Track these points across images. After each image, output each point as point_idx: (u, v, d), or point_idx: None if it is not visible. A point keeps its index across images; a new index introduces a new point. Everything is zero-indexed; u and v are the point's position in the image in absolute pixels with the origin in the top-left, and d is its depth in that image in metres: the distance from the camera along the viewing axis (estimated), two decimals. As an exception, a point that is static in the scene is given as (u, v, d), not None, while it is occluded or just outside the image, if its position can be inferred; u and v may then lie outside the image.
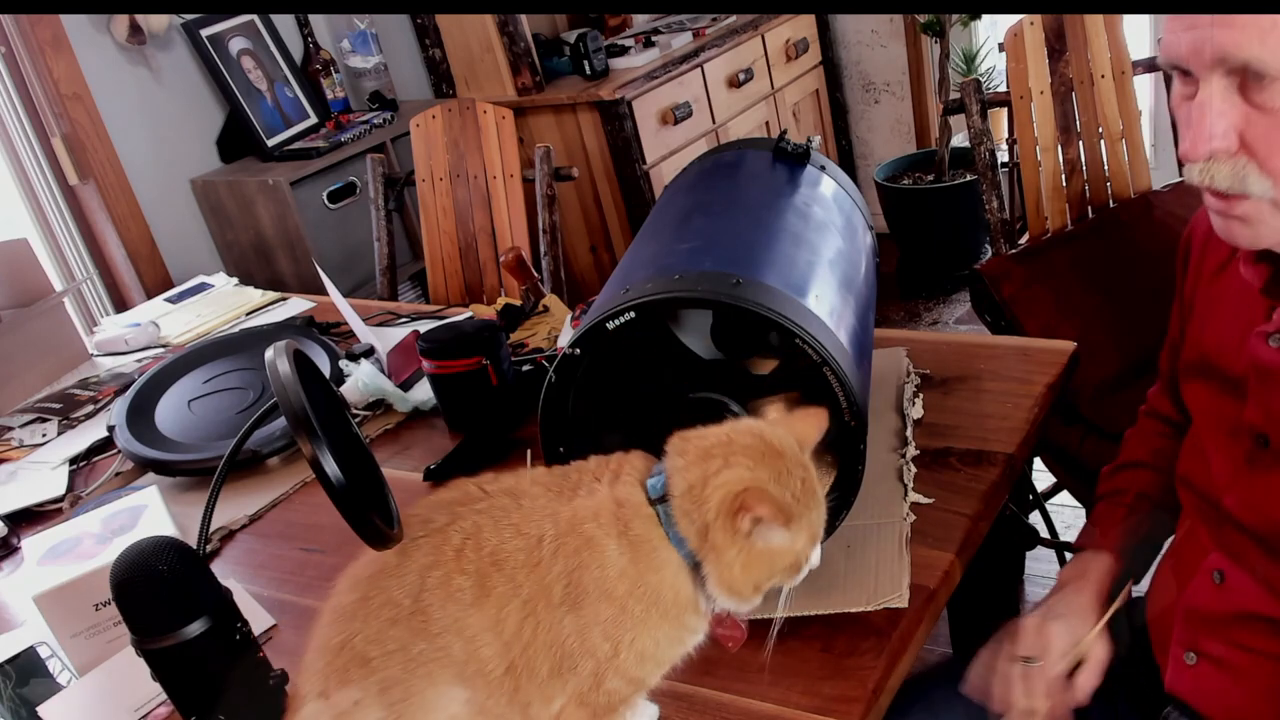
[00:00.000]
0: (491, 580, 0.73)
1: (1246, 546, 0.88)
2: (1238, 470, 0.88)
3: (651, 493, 0.76)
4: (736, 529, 0.73)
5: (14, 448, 1.67)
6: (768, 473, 0.74)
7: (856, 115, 3.68)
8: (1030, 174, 1.97)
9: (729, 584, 0.75)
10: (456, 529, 0.74)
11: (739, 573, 0.74)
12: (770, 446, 0.75)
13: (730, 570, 0.74)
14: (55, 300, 1.95)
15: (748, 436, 0.76)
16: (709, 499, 0.73)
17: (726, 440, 0.76)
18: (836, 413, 0.93)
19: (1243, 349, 0.86)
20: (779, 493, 0.74)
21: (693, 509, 0.74)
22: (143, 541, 0.83)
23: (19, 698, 1.10)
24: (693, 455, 0.75)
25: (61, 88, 2.40)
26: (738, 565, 0.74)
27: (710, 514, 0.73)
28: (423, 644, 0.72)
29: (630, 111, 2.84)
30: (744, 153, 1.24)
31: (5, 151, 2.44)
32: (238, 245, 2.72)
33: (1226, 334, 0.89)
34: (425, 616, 0.72)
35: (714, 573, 0.74)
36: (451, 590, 0.72)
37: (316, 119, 2.83)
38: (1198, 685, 0.94)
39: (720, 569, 0.74)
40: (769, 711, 0.89)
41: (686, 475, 0.75)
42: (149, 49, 2.56)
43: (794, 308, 0.92)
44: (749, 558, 0.74)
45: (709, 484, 0.74)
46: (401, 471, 1.38)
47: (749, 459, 0.74)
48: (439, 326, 1.45)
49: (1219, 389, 0.91)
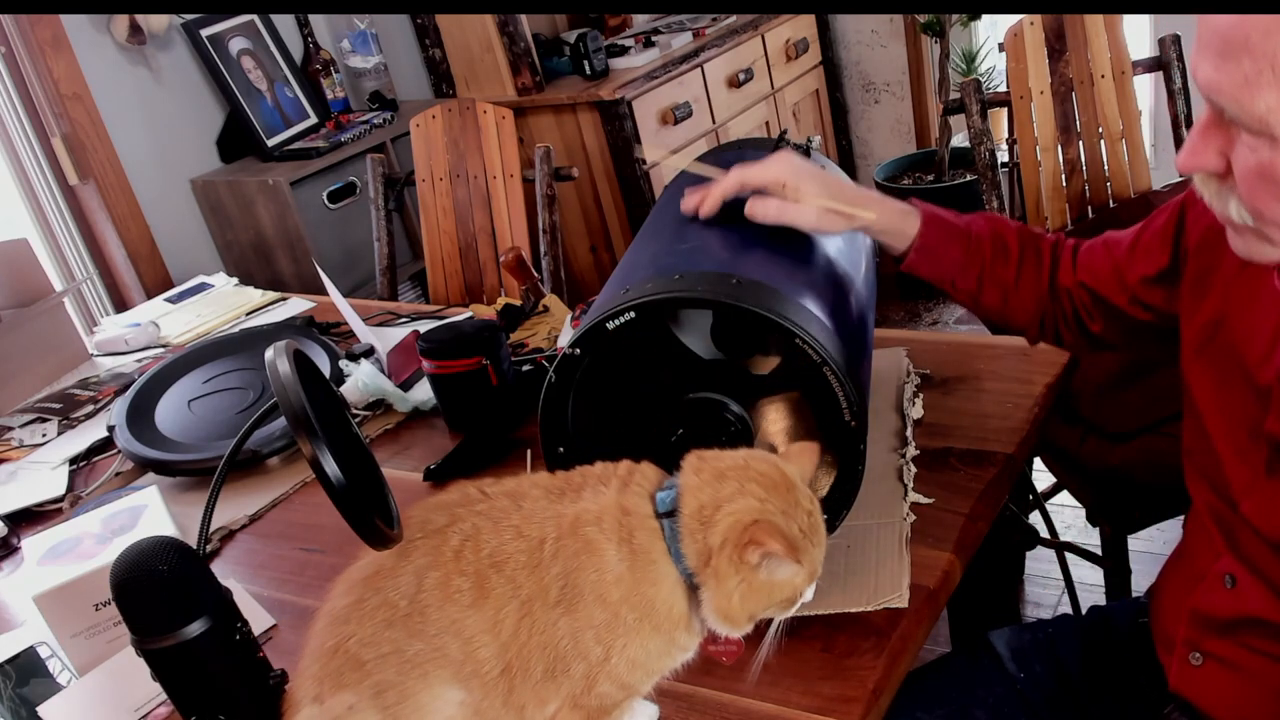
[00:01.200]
0: (490, 581, 0.73)
1: (1262, 552, 0.87)
2: (1256, 477, 0.88)
3: (660, 506, 0.75)
4: (744, 560, 0.73)
5: (14, 448, 1.67)
6: (779, 505, 0.74)
7: (856, 115, 3.68)
8: (1030, 174, 1.97)
9: (725, 611, 0.75)
10: (455, 530, 0.74)
11: (737, 601, 0.74)
12: (784, 478, 0.75)
13: (729, 598, 0.74)
14: (55, 300, 1.95)
15: (764, 464, 0.76)
16: (717, 523, 0.73)
17: (743, 466, 0.76)
18: (836, 413, 0.93)
19: (1270, 358, 0.85)
20: (788, 527, 0.74)
21: (699, 530, 0.74)
22: (143, 541, 0.83)
23: (19, 698, 1.10)
24: (708, 475, 0.75)
25: (61, 88, 2.40)
26: (737, 595, 0.74)
27: (716, 539, 0.73)
28: (419, 645, 0.72)
29: (630, 111, 2.84)
30: (744, 153, 1.24)
31: (5, 151, 2.44)
32: (238, 245, 2.72)
33: (1255, 337, 0.88)
34: (422, 617, 0.72)
35: (711, 598, 0.74)
36: (450, 591, 0.72)
37: (316, 119, 2.83)
38: (1203, 686, 0.94)
39: (718, 595, 0.74)
40: (769, 711, 0.89)
41: (699, 495, 0.74)
42: (149, 49, 2.57)
43: (794, 308, 0.92)
44: (749, 588, 0.74)
45: (721, 508, 0.73)
46: (401, 471, 1.38)
47: (763, 489, 0.74)
48: (439, 326, 1.45)
49: (1242, 389, 0.89)
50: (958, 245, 1.04)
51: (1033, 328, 1.09)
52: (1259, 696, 0.90)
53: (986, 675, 1.09)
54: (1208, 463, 0.93)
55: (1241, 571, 0.90)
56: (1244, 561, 0.90)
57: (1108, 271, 1.04)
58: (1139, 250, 1.02)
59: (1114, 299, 1.03)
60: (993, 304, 1.06)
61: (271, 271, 2.69)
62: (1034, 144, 1.95)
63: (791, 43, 3.35)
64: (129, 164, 2.54)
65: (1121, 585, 1.59)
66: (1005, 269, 1.05)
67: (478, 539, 0.74)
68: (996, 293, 1.05)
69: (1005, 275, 1.05)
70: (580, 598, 0.73)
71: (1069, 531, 2.20)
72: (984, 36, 3.42)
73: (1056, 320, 1.09)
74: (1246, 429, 0.89)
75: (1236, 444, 0.90)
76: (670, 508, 0.75)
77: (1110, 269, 1.04)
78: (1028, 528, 1.55)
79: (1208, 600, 0.93)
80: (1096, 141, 1.97)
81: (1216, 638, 0.93)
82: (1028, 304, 1.07)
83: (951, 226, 1.05)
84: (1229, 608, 0.91)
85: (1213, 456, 0.92)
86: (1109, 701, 1.06)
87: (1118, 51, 1.94)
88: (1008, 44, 1.94)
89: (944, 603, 0.99)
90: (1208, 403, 0.93)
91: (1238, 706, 0.92)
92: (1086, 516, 1.62)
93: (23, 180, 2.48)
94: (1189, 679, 0.95)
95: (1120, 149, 1.97)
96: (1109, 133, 1.96)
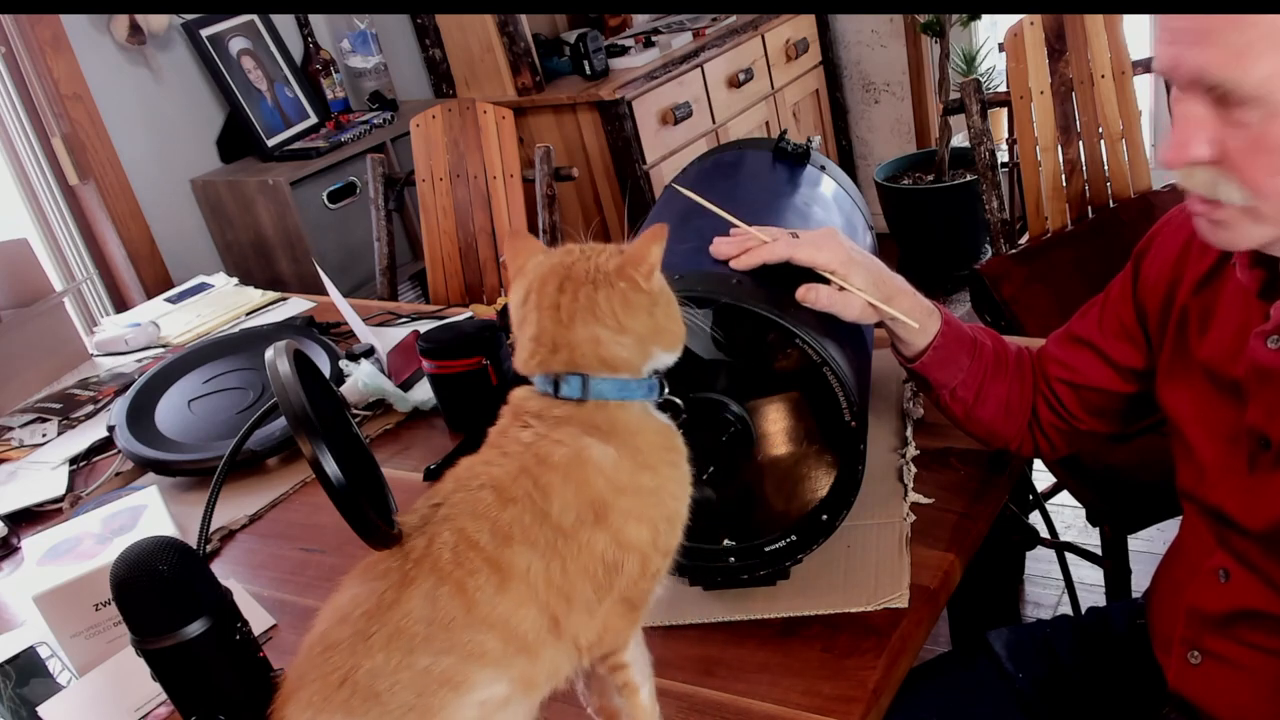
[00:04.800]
0: (504, 558, 0.72)
1: (1251, 548, 0.88)
2: (1239, 475, 0.88)
3: (573, 392, 0.76)
4: (636, 285, 0.76)
5: (14, 448, 1.67)
6: (562, 267, 0.77)
7: (856, 115, 3.68)
8: (1030, 174, 1.97)
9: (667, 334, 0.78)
10: (440, 544, 0.72)
11: (661, 319, 0.78)
12: (542, 273, 0.77)
13: (655, 324, 0.77)
14: (55, 300, 1.95)
15: (518, 294, 0.78)
16: (591, 302, 0.75)
17: (522, 304, 0.78)
18: (836, 413, 0.93)
19: (1240, 353, 0.86)
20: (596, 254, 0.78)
21: (584, 350, 0.75)
22: (143, 541, 0.83)
23: (19, 698, 1.10)
24: (535, 353, 0.77)
25: (61, 88, 2.40)
26: (658, 314, 0.77)
27: (606, 310, 0.75)
28: (449, 660, 0.70)
29: (630, 111, 2.84)
30: (744, 153, 1.24)
31: (5, 151, 2.44)
32: (238, 245, 2.72)
33: (1221, 340, 0.90)
34: (448, 632, 0.70)
35: (642, 337, 0.76)
36: (470, 594, 0.71)
37: (316, 119, 2.83)
38: (1202, 684, 0.94)
39: (640, 330, 0.76)
40: (769, 711, 0.89)
41: (544, 344, 0.76)
42: (149, 49, 2.56)
43: (794, 308, 0.92)
44: (651, 302, 0.77)
45: (567, 313, 0.75)
46: (401, 471, 1.38)
47: (544, 292, 0.76)
48: (439, 326, 1.45)
49: (1216, 395, 0.91)
50: (966, 353, 1.03)
51: (1015, 440, 1.08)
52: (1258, 693, 0.90)
53: (985, 675, 1.09)
54: (1193, 469, 0.94)
55: (1234, 565, 0.90)
56: (1235, 556, 0.90)
57: (1084, 357, 1.04)
58: (1106, 318, 1.03)
59: (1096, 382, 1.03)
60: (984, 416, 1.05)
61: (271, 271, 2.69)
62: (1034, 144, 1.95)
63: (791, 43, 3.35)
64: (129, 164, 2.54)
65: (1121, 585, 1.59)
66: (1000, 384, 1.05)
67: (465, 536, 0.72)
68: (990, 406, 1.05)
69: (999, 390, 1.05)
70: (604, 504, 0.73)
71: (1069, 531, 2.20)
72: (984, 36, 3.42)
73: (1035, 430, 1.08)
74: (1226, 432, 0.90)
75: (1219, 448, 0.91)
76: (569, 386, 0.76)
77: (1087, 354, 1.04)
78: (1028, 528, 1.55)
79: (1203, 596, 0.93)
80: (1096, 141, 1.97)
81: (1213, 635, 0.93)
82: (1018, 418, 1.07)
83: (963, 333, 1.04)
84: (1224, 602, 0.91)
85: (1197, 463, 0.93)
86: (1106, 702, 1.06)
87: (1118, 51, 1.94)
88: (1008, 44, 1.94)
89: (944, 603, 0.99)
90: (1187, 418, 0.94)
91: (1237, 704, 0.92)
92: (1086, 516, 1.62)
93: (23, 180, 2.48)
94: (1188, 678, 0.95)
95: (1120, 149, 1.97)
96: (1109, 133, 1.96)
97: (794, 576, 1.02)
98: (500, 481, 0.74)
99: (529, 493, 0.73)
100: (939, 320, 1.02)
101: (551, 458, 0.74)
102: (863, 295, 0.95)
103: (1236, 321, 0.88)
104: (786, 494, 1.05)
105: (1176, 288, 0.95)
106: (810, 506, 0.99)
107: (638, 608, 0.77)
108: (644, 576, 0.76)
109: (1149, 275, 0.98)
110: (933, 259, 3.34)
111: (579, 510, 0.73)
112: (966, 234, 3.28)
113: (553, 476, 0.73)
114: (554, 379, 0.76)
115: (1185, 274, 0.94)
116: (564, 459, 0.74)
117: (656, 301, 0.78)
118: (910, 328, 0.99)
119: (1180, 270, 0.95)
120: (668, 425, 0.80)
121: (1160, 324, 0.97)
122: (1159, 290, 0.97)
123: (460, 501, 0.74)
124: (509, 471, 0.74)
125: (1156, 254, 0.98)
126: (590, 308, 0.75)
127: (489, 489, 0.74)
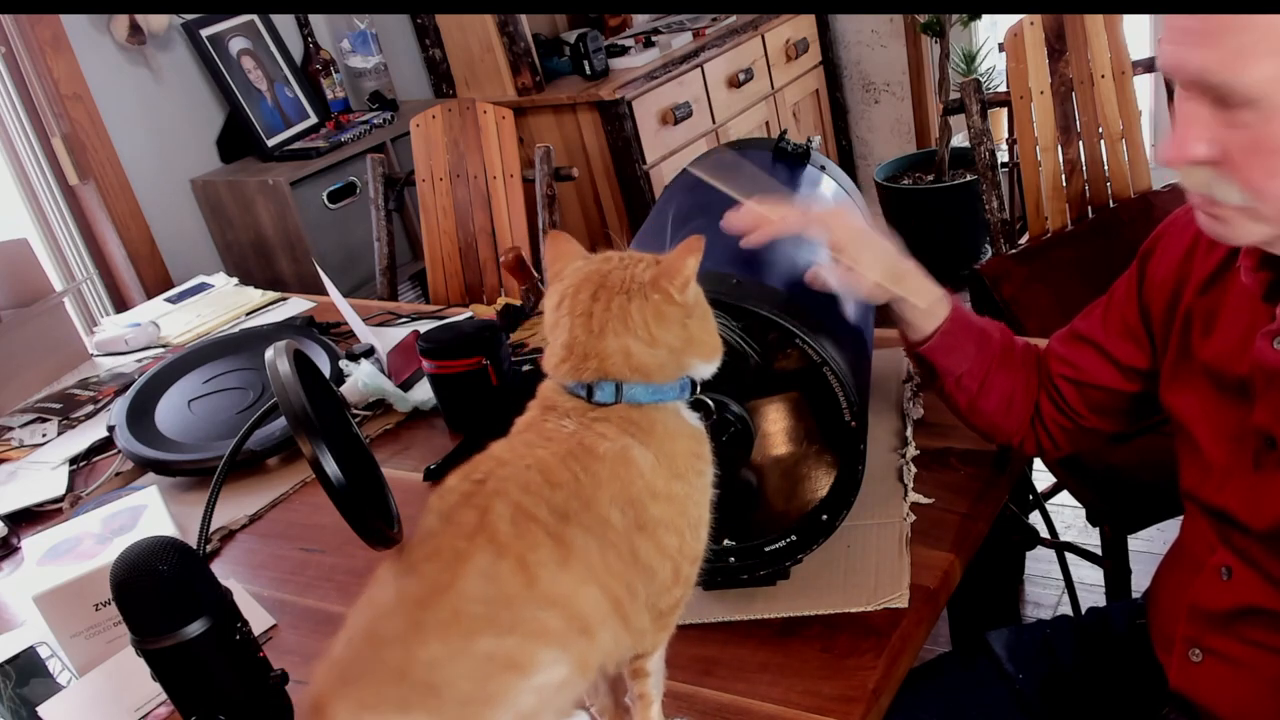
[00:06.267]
0: (565, 534, 0.70)
1: (1253, 546, 0.88)
2: (1244, 474, 0.89)
3: (606, 397, 0.75)
4: (670, 298, 0.75)
5: (14, 448, 1.67)
6: (599, 275, 0.77)
7: (856, 115, 3.68)
8: (1030, 174, 1.97)
9: (701, 345, 0.78)
10: (496, 515, 0.70)
11: (694, 329, 0.78)
12: (576, 282, 0.77)
13: (686, 336, 0.77)
14: (55, 300, 1.95)
15: (554, 298, 0.78)
16: (622, 322, 0.75)
17: (554, 317, 0.78)
18: (836, 413, 0.93)
19: (1246, 354, 0.86)
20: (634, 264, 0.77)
21: (614, 361, 0.75)
22: (143, 541, 0.83)
23: (19, 698, 1.10)
24: (566, 359, 0.77)
25: (61, 88, 2.40)
26: (691, 326, 0.77)
27: (638, 322, 0.75)
28: (512, 640, 0.68)
29: (630, 111, 2.84)
30: (744, 153, 1.24)
31: (5, 151, 2.44)
32: (238, 245, 2.72)
33: (1227, 342, 0.90)
34: (510, 609, 0.68)
35: (675, 347, 0.76)
36: (531, 568, 0.68)
37: (316, 119, 2.83)
38: (1204, 682, 0.94)
39: (673, 340, 0.76)
40: (769, 711, 0.89)
41: (575, 351, 0.76)
42: (149, 49, 2.56)
43: (794, 308, 0.92)
44: (685, 314, 0.77)
45: (599, 322, 0.75)
46: (401, 471, 1.38)
47: (579, 299, 0.76)
48: (439, 326, 1.45)
49: (1221, 397, 0.91)
50: (973, 342, 1.03)
51: (1017, 435, 1.08)
52: (1259, 690, 0.90)
53: (985, 676, 1.09)
54: (1198, 469, 0.94)
55: (1236, 563, 0.90)
56: (1238, 554, 0.90)
57: (1088, 355, 1.04)
58: (1110, 318, 1.03)
59: (1099, 380, 1.03)
60: (988, 407, 1.05)
61: (271, 271, 2.69)
62: (1034, 144, 1.95)
63: (791, 43, 3.35)
64: (129, 164, 2.54)
65: (1121, 585, 1.59)
66: (1005, 376, 1.05)
67: (523, 509, 0.70)
68: (994, 398, 1.05)
69: (1004, 382, 1.05)
70: (643, 508, 0.73)
71: (1069, 531, 2.20)
72: (984, 36, 3.42)
73: (1038, 426, 1.08)
74: (1231, 432, 0.90)
75: (1224, 448, 0.91)
76: (602, 392, 0.75)
77: (1090, 352, 1.04)
78: (1028, 528, 1.55)
79: (1205, 594, 0.93)
80: (1096, 141, 1.97)
81: (1215, 633, 0.93)
82: (1020, 412, 1.07)
83: (971, 322, 1.04)
84: (1226, 599, 0.91)
85: (1202, 462, 0.93)
86: (1107, 702, 1.06)
87: (1118, 51, 1.94)
88: (1008, 44, 1.94)
89: (944, 603, 0.99)
90: (1192, 418, 0.94)
91: (1238, 702, 0.92)
92: (1086, 516, 1.62)
93: (23, 180, 2.48)
94: (1189, 677, 0.95)
95: (1120, 149, 1.97)
96: (1109, 133, 1.96)
97: (794, 576, 1.02)
98: (547, 464, 0.73)
99: (578, 476, 0.72)
100: (948, 306, 1.02)
101: (597, 449, 0.73)
102: (873, 277, 0.95)
103: (1242, 323, 0.88)
104: (786, 494, 1.05)
105: (1182, 289, 0.95)
106: (810, 506, 0.99)
107: (667, 614, 0.77)
108: (676, 583, 0.76)
109: (1154, 276, 0.98)
110: (933, 259, 3.28)
111: (623, 506, 0.73)
112: (966, 234, 3.28)
113: (600, 467, 0.73)
114: (586, 385, 0.76)
115: (1190, 275, 0.94)
116: (610, 453, 0.73)
117: (690, 314, 0.77)
118: (918, 310, 0.99)
119: (1185, 272, 0.95)
120: (699, 430, 0.80)
121: (1165, 325, 0.97)
122: (1164, 291, 0.97)
123: (510, 476, 0.73)
124: (556, 454, 0.73)
125: (1162, 255, 0.98)
126: (622, 318, 0.75)
127: (535, 470, 0.73)
